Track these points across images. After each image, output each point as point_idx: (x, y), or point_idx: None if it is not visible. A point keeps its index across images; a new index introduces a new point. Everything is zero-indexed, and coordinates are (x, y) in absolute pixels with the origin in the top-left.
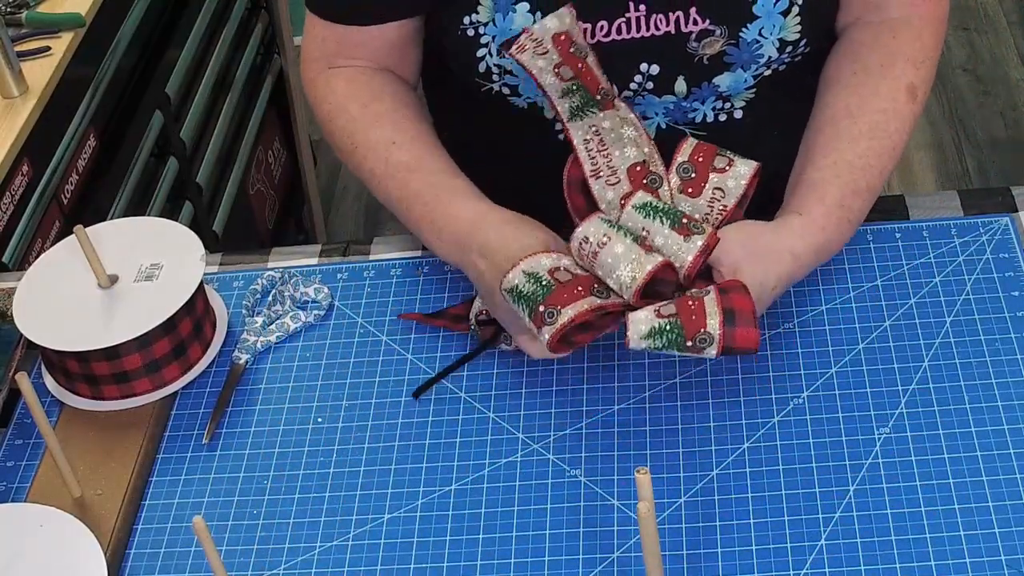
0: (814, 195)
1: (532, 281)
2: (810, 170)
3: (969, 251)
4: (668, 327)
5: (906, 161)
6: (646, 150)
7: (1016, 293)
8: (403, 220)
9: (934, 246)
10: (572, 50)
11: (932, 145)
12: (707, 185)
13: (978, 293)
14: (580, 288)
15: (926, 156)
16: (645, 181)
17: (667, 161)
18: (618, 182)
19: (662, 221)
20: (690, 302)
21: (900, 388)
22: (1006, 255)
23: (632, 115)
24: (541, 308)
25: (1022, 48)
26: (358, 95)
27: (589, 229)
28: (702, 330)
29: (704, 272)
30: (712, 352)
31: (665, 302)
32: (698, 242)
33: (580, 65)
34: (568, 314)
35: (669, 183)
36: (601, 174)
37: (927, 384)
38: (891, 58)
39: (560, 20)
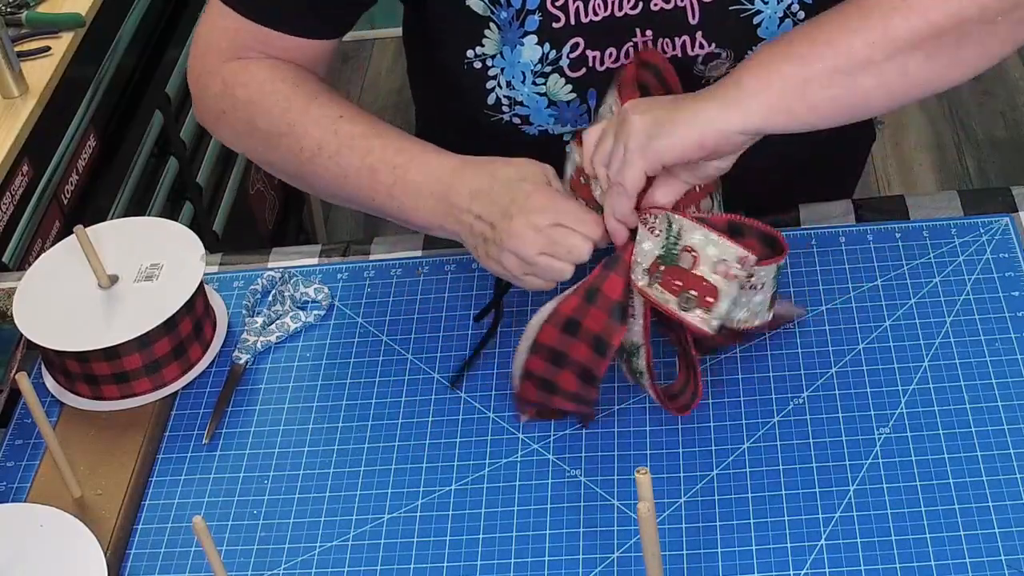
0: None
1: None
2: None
3: (969, 251)
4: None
5: (906, 161)
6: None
7: (1016, 293)
8: (362, 194)
9: (934, 246)
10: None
11: (932, 145)
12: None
13: (978, 293)
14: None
15: (926, 156)
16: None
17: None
18: None
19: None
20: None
21: (900, 388)
22: (1006, 255)
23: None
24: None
25: (1022, 48)
26: (287, 77)
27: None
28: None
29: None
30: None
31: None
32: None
33: None
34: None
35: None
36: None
37: (927, 384)
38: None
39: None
